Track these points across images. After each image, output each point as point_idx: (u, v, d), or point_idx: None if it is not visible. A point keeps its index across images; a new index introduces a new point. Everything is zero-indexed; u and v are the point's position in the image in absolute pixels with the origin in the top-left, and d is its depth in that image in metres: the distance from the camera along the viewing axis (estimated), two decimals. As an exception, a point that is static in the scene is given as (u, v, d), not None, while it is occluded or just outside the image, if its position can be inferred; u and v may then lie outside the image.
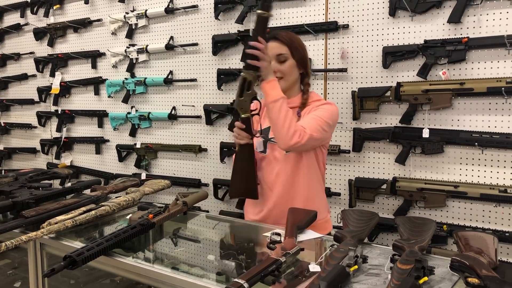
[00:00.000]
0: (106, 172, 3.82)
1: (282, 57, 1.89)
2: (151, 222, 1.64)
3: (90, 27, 3.81)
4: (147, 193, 2.18)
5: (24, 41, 4.33)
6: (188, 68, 3.26)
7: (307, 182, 1.94)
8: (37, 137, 4.30)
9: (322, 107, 1.89)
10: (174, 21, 3.30)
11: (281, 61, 1.89)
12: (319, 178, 1.98)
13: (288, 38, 1.91)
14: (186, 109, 3.30)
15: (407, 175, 2.46)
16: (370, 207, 2.56)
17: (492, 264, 1.23)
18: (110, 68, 3.69)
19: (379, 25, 2.47)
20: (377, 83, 2.50)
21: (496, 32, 2.17)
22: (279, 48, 1.89)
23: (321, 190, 2.04)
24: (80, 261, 1.31)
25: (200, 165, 3.28)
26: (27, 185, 2.23)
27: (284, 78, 1.90)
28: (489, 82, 2.17)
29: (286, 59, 1.89)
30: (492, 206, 2.24)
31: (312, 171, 1.94)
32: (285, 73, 1.90)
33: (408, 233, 1.44)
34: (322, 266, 1.28)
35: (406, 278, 1.12)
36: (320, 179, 2.00)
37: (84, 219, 1.75)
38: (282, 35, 1.91)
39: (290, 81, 1.93)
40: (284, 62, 1.90)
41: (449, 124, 2.33)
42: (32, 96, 4.27)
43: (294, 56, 1.90)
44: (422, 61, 2.35)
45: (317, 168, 1.96)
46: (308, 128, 1.77)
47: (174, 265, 1.47)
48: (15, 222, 1.72)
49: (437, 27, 2.32)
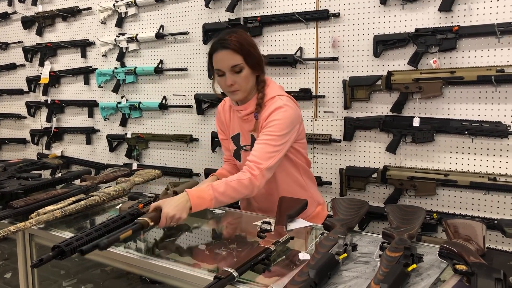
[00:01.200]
0: (97, 162, 3.79)
1: (237, 68, 1.75)
2: (141, 212, 1.63)
3: (79, 16, 3.76)
4: (138, 183, 2.18)
5: (12, 30, 4.26)
6: (178, 57, 3.24)
7: (290, 181, 1.93)
8: (27, 127, 4.26)
9: (272, 121, 1.75)
10: (164, 9, 3.27)
11: (236, 71, 1.75)
12: (302, 172, 1.96)
13: (239, 43, 1.74)
14: (177, 99, 3.28)
15: (397, 163, 2.47)
16: (361, 196, 2.57)
17: (480, 251, 1.24)
18: (100, 58, 3.65)
19: (370, 14, 2.46)
20: (368, 72, 2.50)
21: (486, 21, 2.17)
22: (232, 59, 1.74)
23: (309, 181, 2.02)
24: (69, 251, 1.31)
25: (191, 155, 3.27)
26: (16, 176, 2.21)
27: (241, 89, 1.79)
28: (479, 70, 2.17)
29: (242, 69, 1.75)
30: (482, 194, 2.26)
31: (292, 169, 1.92)
32: (242, 84, 1.78)
33: (397, 221, 1.44)
34: (311, 254, 1.28)
35: (395, 266, 1.13)
36: (304, 172, 1.97)
37: (74, 209, 1.75)
38: (232, 42, 1.73)
39: (248, 89, 1.82)
40: (239, 73, 1.76)
41: (440, 113, 2.34)
42: (21, 86, 4.22)
43: (248, 63, 1.76)
44: (413, 50, 2.35)
45: (297, 164, 1.93)
46: (258, 163, 1.70)
47: (165, 255, 1.47)
48: (3, 212, 1.71)
49: (428, 15, 2.32)
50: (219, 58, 1.76)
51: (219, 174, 1.98)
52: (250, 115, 1.86)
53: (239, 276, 1.17)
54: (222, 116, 2.03)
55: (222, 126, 2.04)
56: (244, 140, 1.94)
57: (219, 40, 1.77)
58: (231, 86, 1.78)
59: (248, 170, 1.71)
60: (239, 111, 1.89)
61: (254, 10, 2.85)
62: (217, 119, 2.08)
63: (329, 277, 1.17)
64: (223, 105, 2.04)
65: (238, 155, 1.96)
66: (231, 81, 1.77)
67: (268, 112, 1.78)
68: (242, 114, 1.88)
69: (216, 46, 1.77)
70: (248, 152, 1.87)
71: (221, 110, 2.04)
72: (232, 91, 1.81)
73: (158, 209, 1.55)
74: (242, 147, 1.94)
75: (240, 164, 1.96)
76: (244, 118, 1.89)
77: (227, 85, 1.78)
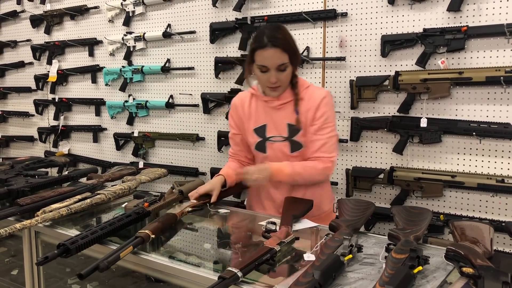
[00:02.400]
0: (103, 160, 3.81)
1: (282, 67, 1.81)
2: (146, 210, 1.64)
3: (87, 14, 3.77)
4: (144, 181, 2.18)
5: (21, 29, 4.28)
6: (185, 56, 3.24)
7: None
8: (35, 125, 4.28)
9: (325, 113, 1.87)
10: (171, 8, 3.27)
11: (281, 69, 1.81)
12: None
13: (287, 42, 1.80)
14: (183, 98, 3.29)
15: (404, 164, 2.45)
16: (367, 197, 2.56)
17: (487, 254, 1.23)
18: (107, 56, 3.66)
19: (378, 13, 2.45)
20: (375, 72, 2.49)
21: (495, 21, 2.15)
22: (280, 58, 1.79)
23: (326, 182, 2.05)
24: (74, 249, 1.31)
25: (197, 154, 3.27)
26: (23, 173, 2.23)
27: (282, 86, 1.87)
28: (488, 71, 2.15)
29: (286, 67, 1.82)
30: (489, 196, 2.24)
31: None
32: (284, 81, 1.85)
33: (403, 223, 1.43)
34: (316, 255, 1.27)
35: (400, 268, 1.12)
36: None
37: (79, 207, 1.75)
38: (281, 41, 1.78)
39: (286, 85, 1.90)
40: (283, 71, 1.82)
41: (447, 113, 2.32)
42: (29, 84, 4.25)
43: (292, 62, 1.83)
44: (421, 50, 2.33)
45: None
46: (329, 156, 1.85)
47: (170, 254, 1.47)
48: (10, 210, 1.72)
49: (436, 15, 2.30)
50: (267, 54, 1.78)
51: (225, 174, 1.97)
52: (285, 104, 1.90)
53: (243, 276, 1.17)
54: (240, 109, 2.02)
55: (239, 120, 2.03)
56: (273, 131, 1.93)
57: (267, 37, 1.77)
58: (274, 83, 1.83)
59: (320, 162, 1.85)
60: (271, 101, 1.92)
61: (261, 10, 2.85)
62: (233, 113, 2.06)
63: (334, 278, 1.17)
64: (240, 98, 2.05)
65: (263, 146, 1.95)
66: (275, 79, 1.82)
67: (316, 103, 1.87)
68: (275, 104, 1.91)
69: (264, 42, 1.77)
70: (275, 143, 1.91)
71: (238, 103, 2.04)
72: (274, 88, 1.86)
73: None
74: (269, 138, 1.94)
75: (264, 155, 1.95)
76: (278, 107, 1.91)
77: (271, 82, 1.83)
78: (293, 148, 1.90)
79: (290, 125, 1.90)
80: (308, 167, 1.84)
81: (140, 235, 1.42)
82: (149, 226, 1.49)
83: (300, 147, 1.90)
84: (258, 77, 1.87)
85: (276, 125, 1.92)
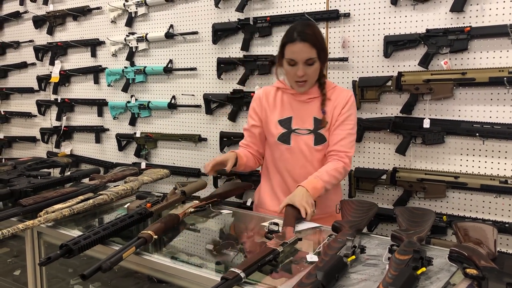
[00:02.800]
0: (106, 161, 3.81)
1: (310, 61, 1.85)
2: (148, 211, 1.63)
3: (90, 15, 3.78)
4: (146, 182, 2.18)
5: (24, 29, 4.30)
6: (188, 57, 3.24)
7: None
8: (37, 126, 4.29)
9: (350, 110, 1.93)
10: (174, 9, 3.27)
11: (309, 64, 1.85)
12: None
13: (316, 38, 1.84)
14: (185, 98, 3.29)
15: (407, 165, 2.45)
16: (370, 198, 2.55)
17: (491, 255, 1.22)
18: (110, 57, 3.67)
19: (380, 14, 2.44)
20: (378, 73, 2.48)
21: (499, 21, 2.14)
22: (309, 52, 1.83)
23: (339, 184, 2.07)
24: (76, 250, 1.31)
25: (199, 154, 3.27)
26: (25, 174, 2.22)
27: (309, 81, 1.90)
28: (491, 72, 2.14)
29: (314, 62, 1.86)
30: (493, 197, 2.23)
31: None
32: (311, 76, 1.89)
33: (407, 224, 1.43)
34: (319, 256, 1.27)
35: (403, 269, 1.12)
36: None
37: (82, 208, 1.75)
38: (310, 36, 1.83)
39: (313, 82, 1.94)
40: (311, 66, 1.86)
41: (450, 114, 2.31)
42: (31, 85, 4.25)
43: (320, 58, 1.87)
44: (423, 51, 2.32)
45: None
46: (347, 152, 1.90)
47: (172, 255, 1.47)
48: (12, 210, 1.72)
49: (439, 16, 2.29)
50: (296, 49, 1.83)
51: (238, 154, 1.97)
52: (312, 99, 1.95)
53: (246, 277, 1.16)
54: (265, 101, 2.04)
55: (262, 111, 2.04)
56: (299, 123, 1.96)
57: (297, 32, 1.84)
58: (301, 77, 1.86)
59: (338, 159, 1.89)
60: (298, 95, 1.97)
61: (263, 10, 2.85)
62: (256, 104, 2.06)
63: (337, 279, 1.16)
64: (265, 90, 2.07)
65: (287, 138, 1.96)
66: (302, 73, 1.85)
67: (344, 101, 1.93)
68: (303, 97, 1.96)
69: (294, 37, 1.83)
70: (300, 136, 1.94)
71: (262, 95, 2.06)
72: (301, 82, 1.89)
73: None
74: (294, 130, 1.96)
75: (288, 147, 1.96)
76: (306, 101, 1.96)
77: (298, 76, 1.86)
78: (317, 141, 1.94)
79: (316, 119, 1.94)
80: (331, 171, 1.85)
81: (143, 235, 1.42)
82: (152, 227, 1.48)
83: (324, 140, 1.94)
84: (287, 71, 1.91)
85: (303, 118, 1.96)
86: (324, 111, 1.93)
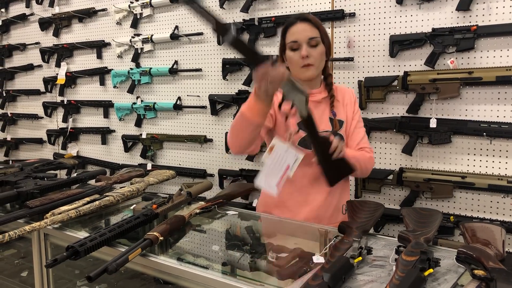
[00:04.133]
0: (112, 162, 3.82)
1: (314, 41, 1.74)
2: (154, 212, 1.64)
3: (95, 17, 3.79)
4: (152, 183, 2.18)
5: (30, 31, 4.32)
6: (193, 58, 3.24)
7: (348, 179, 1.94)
8: (44, 127, 4.31)
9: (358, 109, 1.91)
10: (179, 10, 3.28)
11: (313, 45, 1.74)
12: None
13: (316, 20, 1.78)
14: (191, 99, 3.29)
15: (414, 165, 2.43)
16: (377, 198, 2.54)
17: (499, 256, 1.21)
18: (115, 58, 3.68)
19: (386, 13, 2.43)
20: (384, 73, 2.47)
21: (506, 20, 2.13)
22: (311, 31, 1.74)
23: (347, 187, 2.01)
24: (83, 252, 1.31)
25: (205, 155, 3.27)
26: (32, 176, 2.23)
27: (314, 65, 1.76)
28: (498, 71, 2.13)
29: (318, 43, 1.75)
30: (500, 197, 2.21)
31: None
32: (317, 59, 1.76)
33: (413, 224, 1.42)
34: (326, 258, 1.26)
35: (411, 270, 1.11)
36: None
37: (88, 210, 1.76)
38: (310, 17, 1.78)
39: (320, 69, 1.81)
40: (315, 47, 1.75)
41: (457, 114, 2.30)
42: (38, 87, 4.27)
43: (324, 42, 1.77)
44: (429, 50, 2.31)
45: None
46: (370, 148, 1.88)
47: (178, 256, 1.47)
48: (19, 212, 1.73)
49: (445, 15, 2.28)
50: (297, 29, 1.75)
51: None
52: (324, 99, 1.86)
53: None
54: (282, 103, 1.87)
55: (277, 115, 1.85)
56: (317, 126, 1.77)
57: (297, 16, 1.79)
58: (306, 58, 1.73)
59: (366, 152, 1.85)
60: (313, 95, 1.81)
61: (268, 11, 2.84)
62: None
63: (344, 281, 1.16)
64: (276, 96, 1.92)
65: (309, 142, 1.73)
66: (306, 52, 1.73)
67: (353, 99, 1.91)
68: (318, 97, 1.84)
69: (294, 20, 1.78)
70: None
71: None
72: (306, 65, 1.75)
73: None
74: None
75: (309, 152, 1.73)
76: (320, 101, 1.85)
77: (302, 55, 1.73)
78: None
79: (330, 119, 1.85)
80: (357, 152, 1.82)
81: (149, 237, 1.42)
82: (158, 228, 1.48)
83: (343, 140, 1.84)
84: (290, 58, 1.78)
85: (319, 120, 1.79)
86: (335, 113, 1.85)
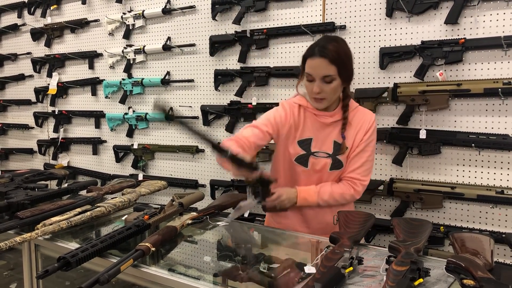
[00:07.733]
0: (103, 172, 3.81)
1: (328, 79, 1.74)
2: (146, 223, 1.63)
3: (87, 28, 3.80)
4: (143, 194, 2.18)
5: (21, 42, 4.31)
6: (185, 68, 3.26)
7: None
8: (34, 137, 4.29)
9: (371, 136, 1.87)
10: (171, 21, 3.30)
11: (327, 81, 1.75)
12: None
13: (337, 55, 1.73)
14: (183, 110, 3.30)
15: (404, 176, 2.46)
16: (367, 208, 2.56)
17: (488, 266, 1.23)
18: (107, 69, 3.68)
19: (376, 26, 2.47)
20: (374, 84, 2.50)
21: (493, 33, 2.17)
22: (326, 69, 1.73)
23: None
24: (74, 263, 1.31)
25: (197, 166, 3.28)
26: (22, 186, 2.22)
27: (327, 99, 1.80)
28: (486, 83, 2.17)
29: (333, 80, 1.74)
30: (489, 207, 2.24)
31: None
32: (329, 94, 1.78)
33: (404, 235, 1.43)
34: (317, 268, 1.27)
35: (401, 280, 1.12)
36: None
37: (79, 220, 1.75)
38: (331, 52, 1.72)
39: (332, 100, 1.83)
40: (329, 83, 1.75)
41: (446, 125, 2.33)
42: (29, 97, 4.26)
43: (341, 76, 1.75)
44: (419, 62, 2.35)
45: None
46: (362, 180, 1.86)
47: (170, 267, 1.46)
48: (9, 223, 1.71)
49: (434, 28, 2.32)
50: (313, 64, 1.75)
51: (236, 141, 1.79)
52: (335, 122, 1.86)
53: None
54: (291, 116, 1.89)
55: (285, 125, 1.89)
56: (319, 146, 1.87)
57: (318, 47, 1.75)
58: (317, 94, 1.77)
59: (352, 185, 1.86)
60: (323, 117, 1.86)
61: (260, 23, 2.87)
62: (283, 114, 1.90)
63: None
64: (290, 105, 1.92)
65: (305, 160, 1.87)
66: (318, 90, 1.75)
67: (367, 127, 1.87)
68: (328, 120, 1.86)
69: (313, 51, 1.76)
70: (318, 159, 1.85)
71: (293, 107, 1.91)
72: (318, 99, 1.80)
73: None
74: (314, 153, 1.86)
75: (305, 169, 1.87)
76: (329, 124, 1.86)
77: (314, 92, 1.78)
78: (333, 167, 1.86)
79: (336, 143, 1.85)
80: (336, 194, 1.85)
81: (141, 248, 1.42)
82: (149, 239, 1.48)
83: (341, 166, 1.87)
84: (306, 85, 1.82)
85: (322, 141, 1.87)
86: (344, 136, 1.84)
